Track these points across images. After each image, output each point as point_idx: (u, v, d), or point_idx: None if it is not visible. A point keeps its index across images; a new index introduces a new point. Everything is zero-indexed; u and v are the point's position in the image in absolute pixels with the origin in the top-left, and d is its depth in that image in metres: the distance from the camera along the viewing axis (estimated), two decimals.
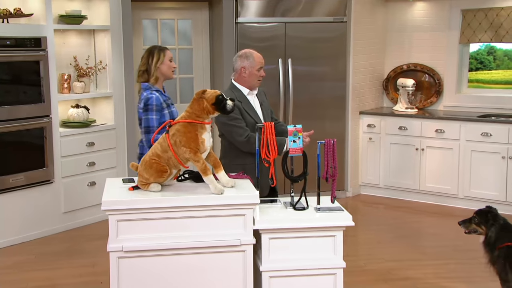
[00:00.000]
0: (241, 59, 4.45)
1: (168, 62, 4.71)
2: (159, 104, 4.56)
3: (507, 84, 7.32)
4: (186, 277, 3.71)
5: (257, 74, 4.42)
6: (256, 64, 4.41)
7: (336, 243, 3.81)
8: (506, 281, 4.17)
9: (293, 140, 3.95)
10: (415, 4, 7.55)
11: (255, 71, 4.40)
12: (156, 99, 4.56)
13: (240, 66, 4.44)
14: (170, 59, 4.73)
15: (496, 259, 4.26)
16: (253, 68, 4.40)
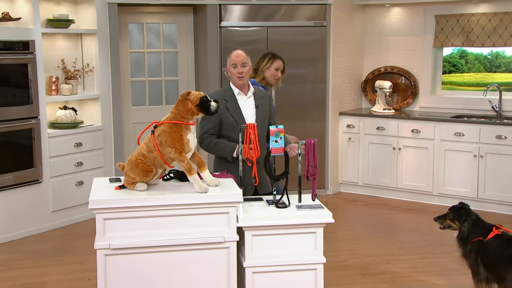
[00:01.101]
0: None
1: (273, 70, 4.95)
2: None
3: (478, 86, 7.37)
4: (171, 273, 3.69)
5: (234, 71, 4.28)
6: (231, 61, 4.29)
7: (317, 239, 3.81)
8: (477, 274, 4.20)
9: (275, 140, 3.94)
10: (392, 10, 7.57)
11: (231, 69, 4.29)
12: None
13: (226, 67, 4.41)
14: (276, 68, 4.96)
15: (468, 253, 4.29)
16: (230, 67, 4.30)
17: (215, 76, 6.96)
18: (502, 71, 7.35)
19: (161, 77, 7.22)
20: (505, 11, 6.88)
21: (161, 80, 7.22)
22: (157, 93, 7.22)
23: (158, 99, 7.22)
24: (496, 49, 7.26)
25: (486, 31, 7.02)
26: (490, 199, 6.53)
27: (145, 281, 3.66)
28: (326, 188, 7.45)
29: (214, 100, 3.74)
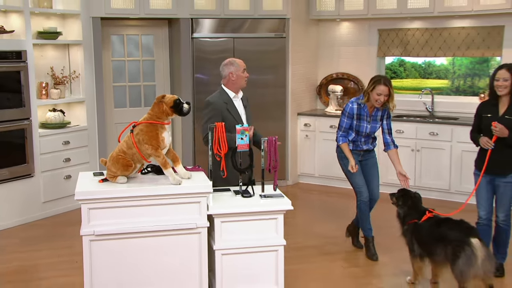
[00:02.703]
0: (228, 66, 4.43)
1: (375, 95, 4.64)
2: (351, 112, 4.73)
3: (414, 90, 7.43)
4: (149, 256, 3.65)
5: (243, 75, 4.42)
6: (240, 67, 4.41)
7: (278, 224, 3.81)
8: (413, 251, 4.26)
9: (241, 138, 3.91)
10: (342, 24, 7.59)
11: (241, 73, 4.40)
12: (350, 108, 4.72)
13: (228, 72, 4.41)
14: (378, 93, 4.63)
15: (405, 232, 4.33)
16: (239, 71, 4.39)
17: (188, 81, 6.88)
18: (434, 77, 7.43)
19: (140, 82, 7.11)
20: (434, 27, 6.96)
21: (140, 85, 7.11)
22: (136, 97, 7.11)
23: (137, 101, 7.10)
24: (428, 59, 7.34)
25: (420, 44, 7.08)
26: (425, 187, 6.60)
27: (125, 263, 3.62)
28: (286, 179, 7.43)
29: (186, 102, 3.70)
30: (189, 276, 3.70)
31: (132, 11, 6.42)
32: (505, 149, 4.26)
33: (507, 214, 4.38)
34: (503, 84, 4.21)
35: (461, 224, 3.99)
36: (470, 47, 6.79)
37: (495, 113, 4.30)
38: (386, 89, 4.60)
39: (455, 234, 3.91)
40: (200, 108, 6.89)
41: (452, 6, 6.54)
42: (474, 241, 3.82)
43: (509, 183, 4.32)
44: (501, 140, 4.23)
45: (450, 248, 3.89)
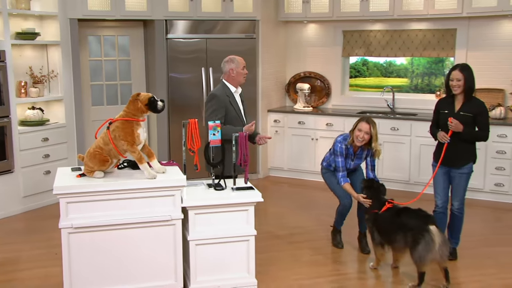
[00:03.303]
0: (228, 63, 4.49)
1: (357, 131, 4.50)
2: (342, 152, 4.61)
3: (376, 88, 7.51)
4: (126, 247, 3.62)
5: (242, 72, 4.49)
6: (240, 64, 4.47)
7: (249, 215, 3.81)
8: (374, 239, 4.31)
9: (213, 133, 3.89)
10: (308, 25, 7.61)
11: (240, 70, 4.47)
12: (340, 148, 4.61)
13: (229, 68, 4.47)
14: (359, 129, 4.48)
15: (367, 222, 4.39)
16: (238, 68, 4.46)
17: (163, 80, 6.82)
18: (394, 76, 7.52)
19: (117, 81, 7.01)
20: (394, 29, 7.04)
21: (117, 84, 7.02)
22: (113, 95, 7.02)
23: (114, 99, 7.01)
24: (389, 59, 7.42)
25: (381, 44, 7.16)
26: (387, 178, 6.68)
27: (102, 254, 3.58)
28: (257, 172, 7.43)
29: (161, 100, 3.68)
30: (165, 266, 3.68)
31: (108, 12, 6.33)
32: (460, 143, 4.34)
33: (461, 203, 4.48)
34: (457, 84, 4.30)
35: (419, 213, 4.06)
36: (427, 48, 6.89)
37: (451, 109, 4.39)
38: (367, 126, 4.46)
39: (415, 222, 3.97)
40: (175, 105, 6.91)
41: (410, 10, 6.63)
42: (432, 228, 3.89)
43: (463, 174, 4.41)
44: (456, 134, 4.31)
45: (410, 235, 3.95)
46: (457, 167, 4.40)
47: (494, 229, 5.41)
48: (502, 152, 6.10)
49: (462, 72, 4.28)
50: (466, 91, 4.31)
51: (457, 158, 4.39)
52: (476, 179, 6.21)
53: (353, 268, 4.49)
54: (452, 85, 4.32)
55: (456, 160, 4.39)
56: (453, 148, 4.35)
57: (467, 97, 4.33)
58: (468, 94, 4.32)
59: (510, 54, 6.45)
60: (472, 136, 4.36)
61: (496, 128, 6.06)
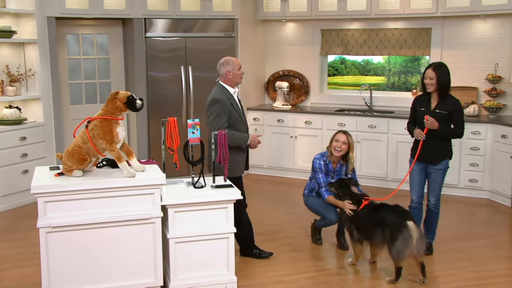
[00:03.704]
0: (224, 65, 4.41)
1: (334, 143, 4.60)
2: (321, 168, 4.66)
3: (354, 86, 7.57)
4: (105, 246, 3.59)
5: (239, 73, 4.42)
6: (236, 65, 4.41)
7: (228, 213, 3.81)
8: (352, 236, 4.34)
9: (192, 132, 3.88)
10: (287, 24, 7.64)
11: (237, 71, 4.40)
12: (319, 164, 4.65)
13: (225, 71, 4.40)
14: (336, 139, 4.60)
15: (345, 220, 4.41)
16: (235, 69, 4.39)
17: (142, 78, 6.78)
18: (372, 74, 7.59)
19: (96, 80, 6.94)
20: (371, 28, 7.10)
21: (96, 82, 6.95)
22: (92, 93, 6.94)
23: (93, 98, 6.94)
24: (367, 57, 7.49)
25: (359, 43, 7.22)
26: (365, 175, 6.74)
27: (81, 253, 3.55)
28: None
29: (139, 98, 3.66)
30: (144, 264, 3.66)
31: (86, 11, 6.25)
32: (437, 140, 4.42)
33: (437, 199, 4.55)
34: (430, 82, 4.38)
35: (396, 209, 4.11)
36: (403, 47, 6.97)
37: (427, 107, 4.46)
38: (344, 137, 4.57)
39: (392, 218, 4.02)
40: (154, 103, 6.87)
41: (387, 9, 6.70)
42: (410, 224, 3.94)
43: (439, 170, 4.48)
44: (432, 132, 4.38)
45: (388, 231, 4.00)
46: (434, 163, 4.47)
47: (468, 224, 5.50)
48: (476, 149, 6.20)
49: (435, 70, 4.36)
50: (439, 89, 4.38)
51: (433, 155, 4.45)
52: (451, 175, 6.30)
53: (332, 264, 4.53)
54: (425, 83, 4.41)
55: (432, 156, 4.46)
56: (430, 145, 4.42)
57: (441, 95, 4.40)
58: (442, 92, 4.39)
59: (483, 53, 6.56)
60: (448, 133, 4.44)
61: (470, 125, 6.16)
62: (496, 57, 6.47)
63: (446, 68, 4.41)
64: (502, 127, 5.98)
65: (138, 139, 6.89)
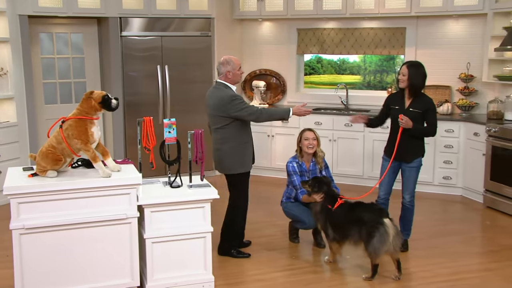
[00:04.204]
0: (224, 65, 4.40)
1: (305, 142, 4.71)
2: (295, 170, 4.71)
3: (330, 85, 7.62)
4: (81, 247, 3.54)
5: (239, 73, 4.44)
6: (236, 66, 4.41)
7: (205, 212, 3.80)
8: (328, 235, 4.36)
9: (169, 131, 3.86)
10: (263, 24, 7.65)
11: (236, 72, 4.42)
12: (292, 167, 4.71)
13: (225, 70, 4.40)
14: (306, 138, 4.72)
15: (317, 220, 4.43)
16: (235, 70, 4.40)
17: (118, 77, 6.71)
18: (348, 73, 7.65)
19: (70, 79, 6.85)
20: (347, 27, 7.16)
21: (71, 82, 6.86)
22: (67, 93, 6.85)
23: (68, 98, 6.85)
24: (343, 56, 7.54)
25: (334, 42, 7.27)
26: (342, 173, 6.79)
27: (57, 255, 3.50)
28: (214, 170, 7.38)
29: (115, 98, 3.62)
30: (121, 265, 3.63)
31: (60, 9, 6.16)
32: (410, 139, 4.48)
33: (411, 196, 4.61)
34: (402, 78, 4.47)
35: (372, 207, 4.15)
36: (378, 46, 7.04)
37: (401, 106, 4.52)
38: (312, 133, 4.70)
39: (369, 216, 4.05)
40: (131, 103, 6.81)
41: (362, 9, 6.76)
42: (386, 221, 3.99)
43: (413, 168, 4.55)
44: (406, 130, 4.44)
45: (364, 229, 4.03)
46: (407, 161, 4.53)
47: (442, 221, 5.59)
48: (450, 147, 6.30)
49: (408, 68, 4.44)
50: (410, 87, 4.45)
51: (407, 153, 4.52)
52: (426, 173, 6.39)
53: (309, 262, 4.54)
54: (398, 78, 4.50)
55: (406, 155, 4.52)
56: (404, 144, 4.48)
57: (413, 93, 4.48)
58: (413, 91, 4.47)
59: (456, 52, 6.67)
60: (421, 132, 4.50)
61: (443, 124, 6.25)
62: (468, 56, 6.58)
63: (422, 69, 4.47)
64: (475, 125, 6.09)
65: (114, 138, 6.82)
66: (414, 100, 4.48)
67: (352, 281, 4.12)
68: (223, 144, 4.36)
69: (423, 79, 4.46)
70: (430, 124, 4.50)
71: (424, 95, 4.54)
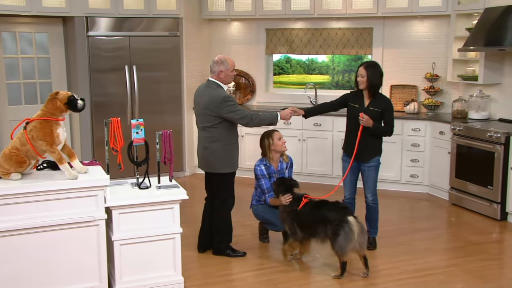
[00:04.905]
0: (218, 65, 4.39)
1: (278, 142, 4.74)
2: (263, 174, 4.72)
3: (299, 85, 7.69)
4: (48, 251, 3.49)
5: (231, 74, 4.44)
6: (230, 67, 4.40)
7: (174, 213, 3.79)
8: (295, 234, 4.39)
9: (136, 132, 3.83)
10: (232, 23, 7.66)
11: (229, 73, 4.41)
12: (261, 170, 4.71)
13: (218, 70, 4.38)
14: (278, 137, 4.75)
15: (285, 219, 4.45)
16: (228, 71, 4.40)
17: (85, 78, 6.62)
18: (316, 73, 7.73)
19: (35, 80, 6.73)
20: (315, 27, 7.23)
21: (36, 82, 6.73)
22: (32, 94, 6.72)
23: (33, 98, 6.72)
24: (311, 56, 7.62)
25: (303, 42, 7.33)
26: (311, 173, 6.86)
27: (23, 259, 3.43)
28: (184, 170, 7.39)
29: (81, 98, 3.58)
30: (89, 267, 3.59)
31: (23, 8, 6.04)
32: (368, 138, 4.58)
33: (373, 194, 4.71)
34: (361, 80, 4.58)
35: (337, 205, 4.21)
36: (346, 46, 7.14)
37: (361, 104, 4.62)
38: (278, 133, 4.78)
39: (334, 215, 4.11)
40: (98, 103, 6.73)
41: (330, 9, 6.84)
42: (350, 219, 4.05)
43: (371, 167, 4.65)
44: (366, 129, 4.54)
45: (330, 227, 4.08)
46: (365, 160, 4.63)
47: (409, 218, 5.71)
48: (416, 145, 6.43)
49: (366, 69, 4.55)
50: (369, 87, 4.56)
51: (364, 152, 4.62)
52: (393, 171, 6.51)
53: (278, 261, 4.57)
54: (358, 80, 4.60)
55: (364, 154, 4.62)
56: (363, 143, 4.59)
57: (372, 93, 4.58)
58: (372, 90, 4.58)
59: (422, 53, 6.81)
60: (380, 131, 4.62)
61: (410, 123, 6.38)
62: (433, 56, 6.73)
63: (379, 68, 4.58)
64: (440, 124, 6.24)
65: (81, 140, 6.73)
66: (373, 100, 4.59)
67: (321, 280, 4.17)
68: (211, 143, 4.37)
69: (380, 78, 4.58)
70: (388, 123, 4.62)
71: (382, 95, 4.67)
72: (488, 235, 5.15)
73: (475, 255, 4.63)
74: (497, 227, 5.37)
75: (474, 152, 5.72)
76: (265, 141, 4.80)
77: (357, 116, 4.51)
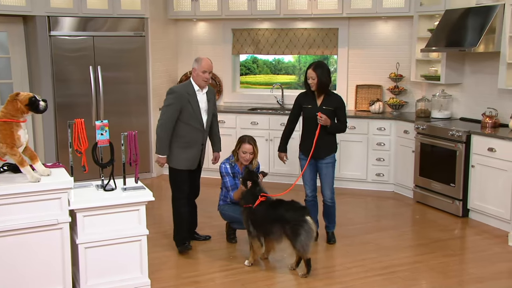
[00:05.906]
0: (194, 62, 4.47)
1: (241, 153, 4.74)
2: (227, 172, 4.77)
3: (266, 85, 7.73)
4: (11, 255, 3.41)
5: (201, 75, 4.42)
6: (201, 67, 4.41)
7: (140, 215, 3.77)
8: (249, 231, 4.42)
9: (101, 133, 3.79)
10: (198, 24, 7.64)
11: (200, 73, 4.41)
12: (225, 168, 4.75)
13: (192, 67, 4.47)
14: (244, 151, 4.74)
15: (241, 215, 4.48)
16: (199, 71, 4.41)
17: (47, 78, 6.50)
18: (283, 73, 7.79)
19: None
20: (281, 28, 7.29)
21: None
22: None
23: None
24: (278, 57, 7.67)
25: (269, 42, 7.38)
26: (278, 173, 6.90)
27: None
28: (151, 171, 7.33)
29: (43, 99, 3.52)
30: (52, 272, 3.53)
31: None
32: (325, 136, 4.70)
33: (331, 192, 4.83)
34: (312, 82, 4.68)
35: (294, 205, 4.25)
36: (312, 46, 7.21)
37: (314, 104, 4.71)
38: (250, 147, 4.75)
39: (292, 215, 4.15)
40: (62, 105, 6.63)
41: (295, 10, 6.90)
42: (308, 219, 4.12)
43: (328, 164, 4.78)
44: (323, 128, 4.62)
45: (289, 227, 4.12)
46: (322, 158, 4.75)
47: (375, 217, 5.81)
48: (382, 144, 6.55)
49: (315, 70, 4.65)
50: (320, 87, 4.65)
51: (321, 150, 4.74)
52: (359, 170, 6.62)
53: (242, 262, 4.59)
54: (309, 82, 4.70)
55: (320, 152, 4.74)
56: (320, 141, 4.71)
57: (323, 92, 4.69)
58: (324, 89, 4.68)
59: (387, 53, 6.94)
60: (336, 128, 4.76)
61: (375, 122, 6.50)
62: (397, 56, 6.87)
63: (326, 66, 4.71)
64: (404, 123, 6.37)
65: (45, 142, 6.60)
66: (325, 98, 4.70)
67: (289, 279, 4.21)
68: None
69: (329, 76, 4.69)
70: (341, 120, 4.76)
71: (333, 93, 4.80)
72: (451, 231, 5.29)
73: (438, 251, 4.75)
74: (459, 223, 5.51)
75: (437, 151, 5.86)
76: (236, 144, 4.85)
77: (313, 117, 4.64)
